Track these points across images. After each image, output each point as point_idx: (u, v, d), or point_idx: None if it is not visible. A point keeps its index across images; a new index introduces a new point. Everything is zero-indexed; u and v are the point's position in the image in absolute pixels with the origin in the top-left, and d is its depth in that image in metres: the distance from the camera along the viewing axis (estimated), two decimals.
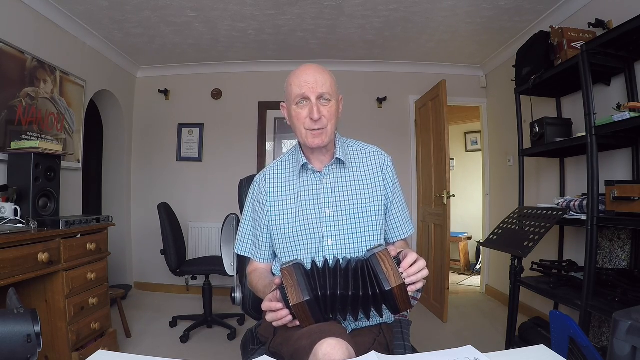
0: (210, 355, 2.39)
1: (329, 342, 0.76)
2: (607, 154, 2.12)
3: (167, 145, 3.90)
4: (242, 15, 2.84)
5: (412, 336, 1.22)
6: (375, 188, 1.09)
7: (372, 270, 0.82)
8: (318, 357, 0.75)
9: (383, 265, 0.81)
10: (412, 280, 0.83)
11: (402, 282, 0.80)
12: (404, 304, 0.81)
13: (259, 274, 1.12)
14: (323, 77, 1.02)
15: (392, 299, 0.80)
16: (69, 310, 1.92)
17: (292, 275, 0.83)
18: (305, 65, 1.06)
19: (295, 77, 1.04)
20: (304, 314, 0.82)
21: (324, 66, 1.07)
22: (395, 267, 0.81)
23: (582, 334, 1.33)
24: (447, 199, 3.00)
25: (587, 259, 1.76)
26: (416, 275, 0.84)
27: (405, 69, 3.85)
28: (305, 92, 1.01)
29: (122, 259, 3.75)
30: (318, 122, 1.02)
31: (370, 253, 0.86)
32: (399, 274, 0.80)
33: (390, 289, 0.79)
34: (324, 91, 1.01)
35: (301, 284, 0.81)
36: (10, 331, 0.58)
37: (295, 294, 0.80)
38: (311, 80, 1.01)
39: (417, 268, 0.84)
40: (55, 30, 2.71)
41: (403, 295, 0.80)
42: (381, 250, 0.84)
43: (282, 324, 0.85)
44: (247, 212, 1.18)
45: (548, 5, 2.61)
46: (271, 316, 0.86)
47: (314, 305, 0.82)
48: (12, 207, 1.89)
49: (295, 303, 0.80)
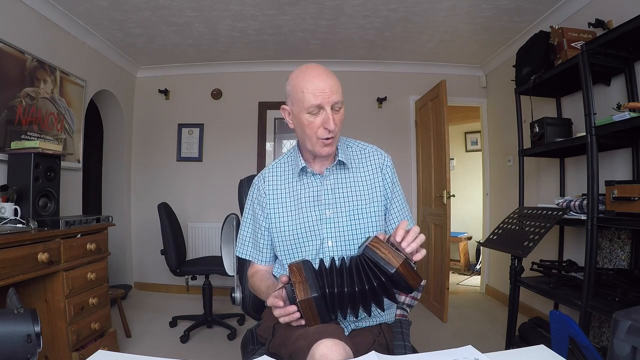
0: (210, 355, 2.39)
1: (326, 343, 0.76)
2: (607, 154, 2.12)
3: (167, 145, 3.90)
4: (242, 15, 2.84)
5: (412, 336, 1.22)
6: (375, 189, 1.09)
7: (370, 261, 0.82)
8: (315, 358, 0.75)
9: (379, 252, 0.81)
10: (413, 247, 0.83)
11: (404, 257, 0.80)
12: (414, 279, 0.81)
13: (260, 275, 1.11)
14: (335, 83, 1.00)
15: (400, 279, 0.80)
16: (69, 310, 1.92)
17: (301, 272, 0.83)
18: (313, 68, 1.01)
19: (306, 82, 0.98)
20: (310, 311, 0.81)
21: (324, 66, 1.04)
22: (391, 249, 0.81)
23: (582, 334, 1.32)
24: (447, 199, 3.00)
25: (587, 259, 1.76)
26: (415, 242, 0.83)
27: (405, 69, 3.85)
28: (321, 102, 0.97)
29: (122, 259, 3.75)
30: (332, 132, 1.00)
31: (362, 247, 0.85)
32: (398, 253, 0.80)
33: (395, 270, 0.79)
34: (338, 99, 0.99)
35: (310, 280, 0.81)
36: (10, 331, 0.58)
37: (303, 290, 0.80)
38: (326, 88, 0.97)
39: (413, 234, 0.84)
40: (55, 30, 2.71)
41: (410, 271, 0.80)
42: (371, 240, 0.84)
43: (289, 320, 0.85)
44: (247, 215, 1.17)
45: (548, 5, 2.61)
46: (279, 312, 0.85)
47: (320, 303, 0.81)
48: (12, 207, 1.89)
49: (303, 299, 0.80)
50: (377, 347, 0.94)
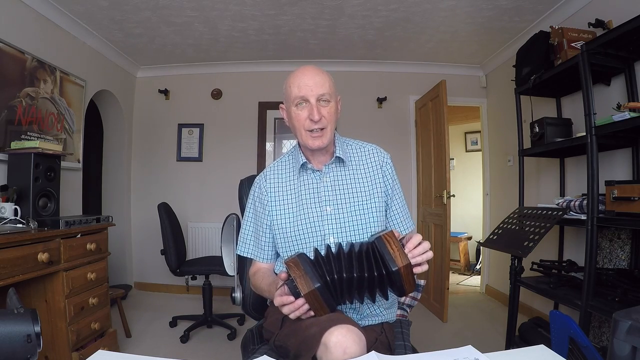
0: (210, 355, 2.39)
1: (340, 330, 0.74)
2: (607, 154, 2.12)
3: (167, 145, 3.90)
4: (242, 15, 2.84)
5: (412, 336, 1.22)
6: (375, 185, 1.10)
7: (378, 251, 0.83)
8: (329, 346, 0.74)
9: (389, 247, 0.82)
10: (418, 260, 0.84)
11: (408, 262, 0.80)
12: (410, 285, 0.82)
13: (262, 273, 1.12)
14: (322, 78, 1.04)
15: (398, 280, 0.81)
16: (69, 310, 1.92)
17: (299, 266, 0.82)
18: (303, 67, 1.07)
19: (294, 78, 1.05)
20: (317, 302, 0.81)
21: (323, 67, 1.09)
22: (401, 248, 0.82)
23: (582, 334, 1.33)
24: (447, 199, 3.00)
25: (587, 259, 1.76)
26: (421, 256, 0.85)
27: (405, 69, 3.85)
28: (304, 93, 1.02)
29: (122, 259, 3.75)
30: (318, 123, 1.03)
31: (375, 236, 0.86)
32: (405, 255, 0.81)
33: (397, 269, 0.79)
34: (323, 92, 1.03)
35: (309, 272, 0.81)
36: (10, 331, 0.58)
37: (305, 283, 0.80)
38: (310, 82, 1.02)
39: (422, 249, 0.86)
40: (55, 30, 2.71)
41: (409, 275, 0.81)
42: (387, 232, 0.85)
43: (300, 314, 0.84)
44: (249, 213, 1.18)
45: (548, 5, 2.61)
46: (288, 308, 0.84)
47: (324, 291, 0.81)
48: (12, 207, 1.89)
49: (307, 292, 0.80)
50: (378, 346, 0.94)
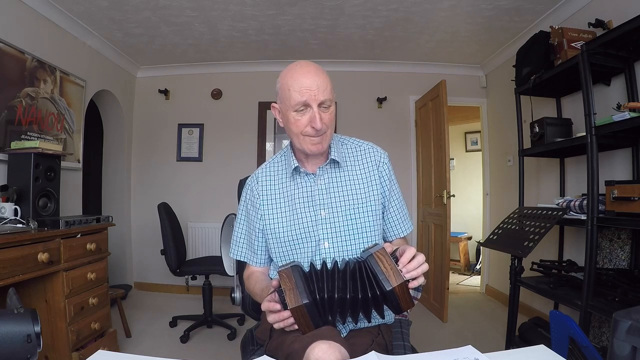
0: (210, 355, 2.39)
1: (321, 346, 0.74)
2: (607, 154, 2.12)
3: (167, 145, 3.90)
4: (242, 15, 2.84)
5: (412, 336, 1.22)
6: (371, 187, 1.06)
7: (370, 270, 0.80)
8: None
9: (382, 265, 0.78)
10: (413, 275, 0.80)
11: (402, 280, 0.77)
12: (407, 303, 0.79)
13: (255, 277, 1.09)
14: (323, 81, 0.96)
15: (394, 299, 0.78)
16: (69, 310, 1.92)
17: (290, 278, 0.80)
18: (301, 65, 0.98)
19: (293, 80, 0.96)
20: (302, 318, 0.79)
21: (323, 67, 1.02)
22: (395, 266, 0.78)
23: (582, 334, 1.32)
24: (447, 199, 3.00)
25: (587, 259, 1.76)
26: (416, 270, 0.81)
27: (405, 69, 3.85)
28: (306, 99, 0.95)
29: (122, 259, 3.75)
30: (319, 130, 0.98)
31: (367, 253, 0.83)
32: (399, 273, 0.78)
33: (391, 289, 0.76)
34: (325, 97, 0.96)
35: (299, 286, 0.79)
36: (10, 331, 0.58)
37: (293, 297, 0.78)
38: (313, 86, 0.94)
39: (417, 263, 0.82)
40: (55, 30, 2.71)
41: (405, 294, 0.77)
42: (378, 249, 0.82)
43: (284, 325, 0.83)
44: (241, 216, 1.14)
45: (548, 5, 2.61)
46: (273, 317, 0.83)
47: (312, 309, 0.79)
48: (12, 207, 1.89)
49: (294, 307, 0.78)
50: (375, 348, 0.93)
